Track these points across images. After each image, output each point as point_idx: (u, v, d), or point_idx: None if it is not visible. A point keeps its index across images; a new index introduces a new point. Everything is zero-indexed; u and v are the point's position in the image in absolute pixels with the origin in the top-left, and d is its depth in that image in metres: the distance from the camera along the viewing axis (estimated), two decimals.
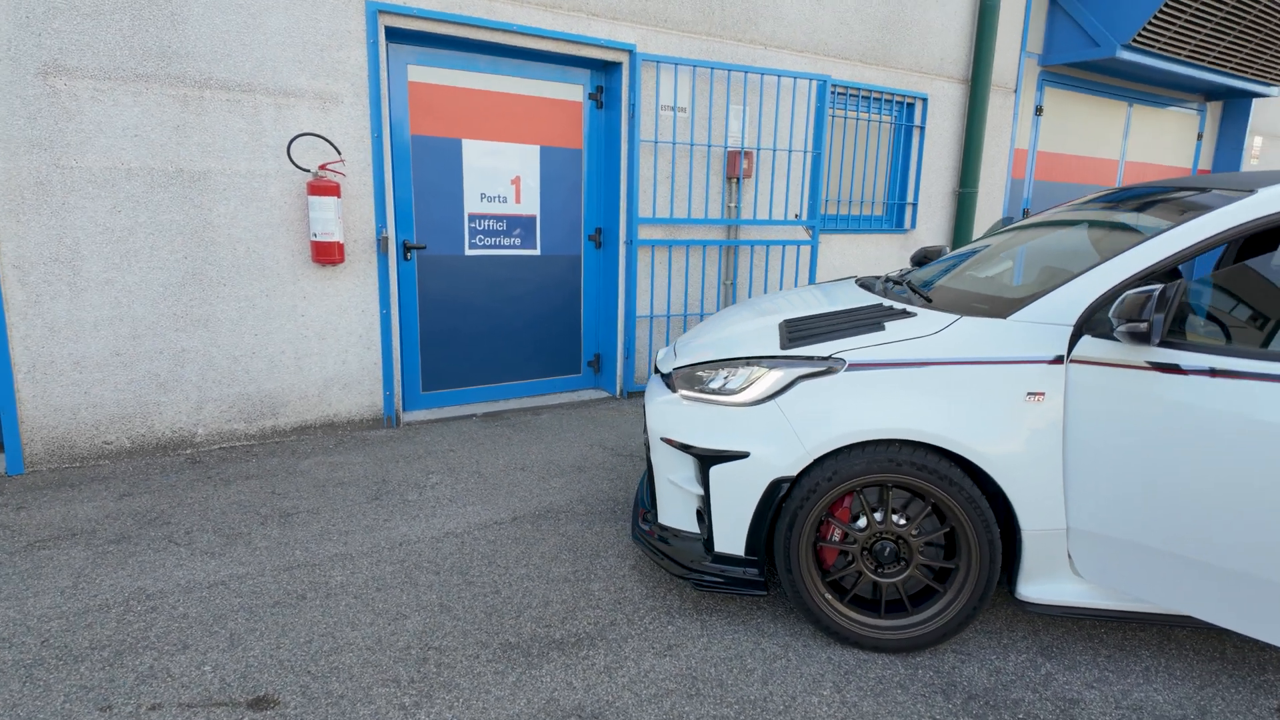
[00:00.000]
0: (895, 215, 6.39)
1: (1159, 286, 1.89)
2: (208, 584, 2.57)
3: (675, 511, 2.49)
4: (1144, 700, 2.09)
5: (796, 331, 2.43)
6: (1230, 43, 7.12)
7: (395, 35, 4.09)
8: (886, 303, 2.54)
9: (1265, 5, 6.80)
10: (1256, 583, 1.92)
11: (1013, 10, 6.44)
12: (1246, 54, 7.40)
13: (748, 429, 2.28)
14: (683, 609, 2.50)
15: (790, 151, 5.32)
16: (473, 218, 4.61)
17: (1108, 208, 2.82)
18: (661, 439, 2.47)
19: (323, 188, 3.78)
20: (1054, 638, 2.39)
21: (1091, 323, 2.10)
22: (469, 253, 4.64)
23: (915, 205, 6.33)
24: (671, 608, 2.51)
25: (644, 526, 2.60)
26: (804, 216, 5.60)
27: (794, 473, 2.20)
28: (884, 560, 2.25)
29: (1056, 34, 7.06)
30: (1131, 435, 2.02)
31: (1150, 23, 6.37)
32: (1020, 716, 2.02)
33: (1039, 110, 7.41)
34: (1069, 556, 2.17)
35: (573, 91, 4.80)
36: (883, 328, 2.30)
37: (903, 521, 2.24)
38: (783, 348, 2.35)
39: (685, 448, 2.37)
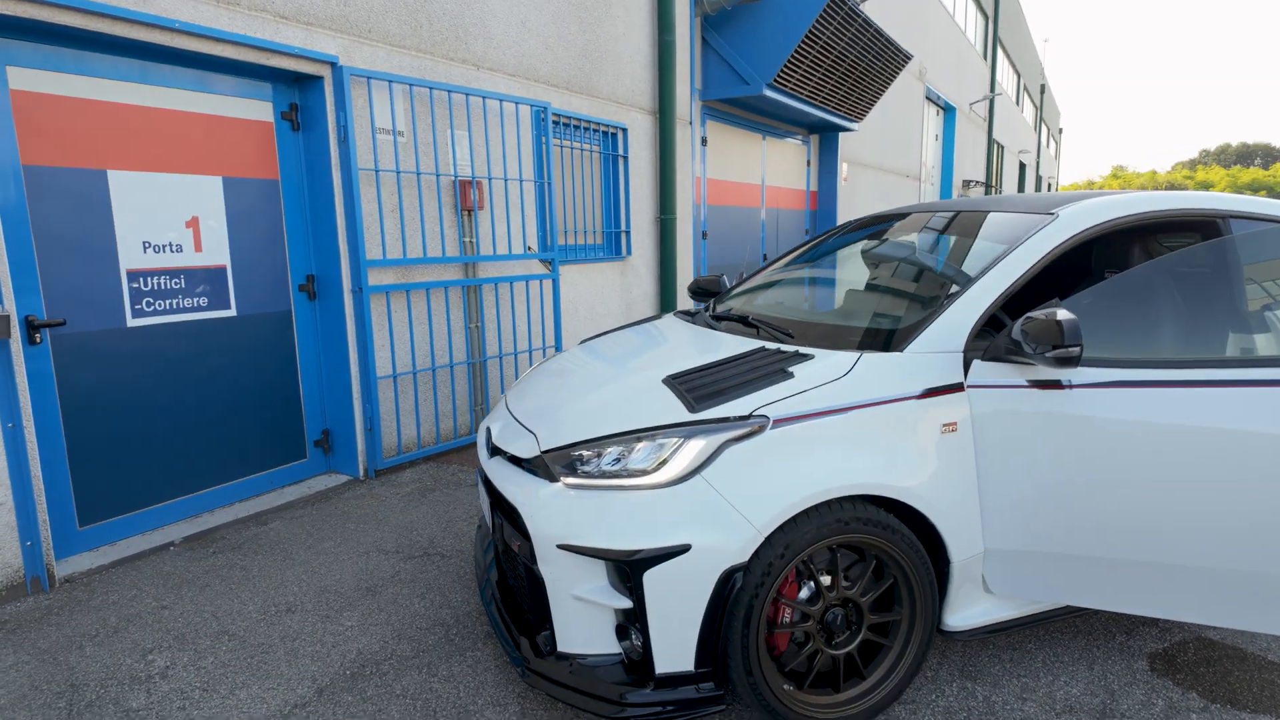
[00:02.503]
0: (613, 243, 6.40)
1: (1056, 309, 1.98)
2: None
3: (583, 633, 1.99)
4: (1067, 697, 2.21)
5: (696, 389, 2.10)
6: (833, 86, 8.64)
7: None
8: (770, 345, 2.34)
9: (851, 61, 8.40)
10: (1136, 566, 2.13)
11: (684, 48, 6.91)
12: (841, 95, 9.05)
13: (677, 515, 1.89)
14: None
15: (521, 181, 4.95)
16: (135, 275, 3.36)
17: (880, 232, 3.02)
18: (559, 546, 1.94)
19: None
20: (964, 659, 2.43)
21: (975, 347, 2.15)
22: (134, 323, 3.38)
23: (629, 233, 6.41)
24: None
25: (538, 659, 2.04)
26: (537, 249, 5.27)
27: (746, 558, 1.87)
28: (836, 630, 2.04)
29: (712, 72, 7.79)
30: (1029, 450, 2.10)
31: (785, 65, 7.37)
32: None
33: (704, 141, 8.12)
34: (982, 578, 2.20)
35: (261, 110, 3.80)
36: (791, 374, 2.09)
37: (847, 583, 2.06)
38: (691, 410, 2.01)
39: (602, 553, 1.89)
